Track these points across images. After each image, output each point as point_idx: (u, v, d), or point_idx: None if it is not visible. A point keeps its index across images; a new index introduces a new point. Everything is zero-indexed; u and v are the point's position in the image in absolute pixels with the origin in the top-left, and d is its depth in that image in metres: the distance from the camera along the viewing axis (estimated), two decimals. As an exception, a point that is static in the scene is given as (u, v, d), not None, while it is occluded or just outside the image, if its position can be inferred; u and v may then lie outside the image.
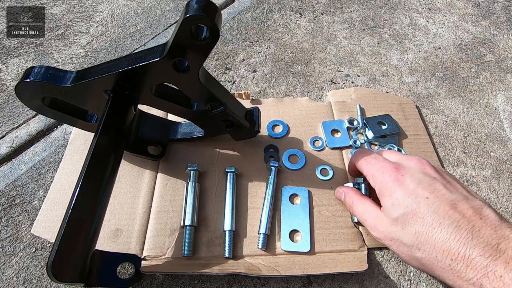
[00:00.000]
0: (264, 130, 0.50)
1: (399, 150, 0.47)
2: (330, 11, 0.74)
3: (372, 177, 0.37)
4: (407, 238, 0.31)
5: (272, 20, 0.71)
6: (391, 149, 0.47)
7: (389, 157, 0.39)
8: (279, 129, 0.51)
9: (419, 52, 0.66)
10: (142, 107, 0.46)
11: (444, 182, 0.33)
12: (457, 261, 0.27)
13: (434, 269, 0.30)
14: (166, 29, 0.69)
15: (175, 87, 0.37)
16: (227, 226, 0.40)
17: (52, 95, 0.37)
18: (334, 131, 0.50)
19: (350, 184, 0.43)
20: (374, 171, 0.37)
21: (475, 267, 0.26)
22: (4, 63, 0.61)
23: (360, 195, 0.39)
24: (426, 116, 0.55)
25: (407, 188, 0.33)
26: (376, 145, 0.50)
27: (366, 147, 0.49)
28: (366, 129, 0.50)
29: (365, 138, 0.50)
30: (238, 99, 0.48)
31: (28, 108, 0.47)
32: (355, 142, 0.49)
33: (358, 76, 0.61)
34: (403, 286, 0.39)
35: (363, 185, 0.44)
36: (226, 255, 0.39)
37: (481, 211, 0.29)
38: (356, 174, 0.43)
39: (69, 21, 0.69)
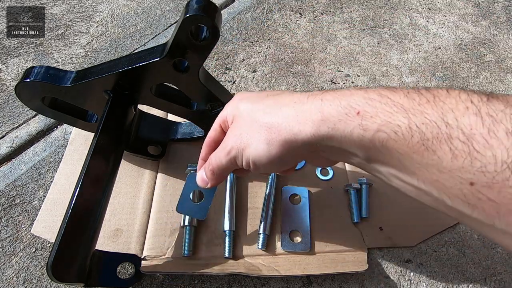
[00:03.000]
0: (264, 130, 0.50)
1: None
2: (330, 11, 0.74)
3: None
4: (258, 111, 0.28)
5: (272, 20, 0.71)
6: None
7: None
8: (279, 129, 0.51)
9: (419, 52, 0.66)
10: (142, 107, 0.46)
11: None
12: (300, 99, 0.26)
13: (278, 123, 0.26)
14: (166, 29, 0.69)
15: (175, 87, 0.37)
16: (227, 226, 0.40)
17: (52, 95, 0.37)
18: None
19: (351, 185, 0.43)
20: None
21: (316, 94, 0.26)
22: (4, 63, 0.61)
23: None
24: (426, 116, 0.55)
25: (253, 92, 0.32)
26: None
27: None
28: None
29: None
30: (238, 99, 0.48)
31: (28, 108, 0.47)
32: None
33: (358, 76, 0.61)
34: (403, 286, 0.39)
35: (364, 186, 0.44)
36: (226, 255, 0.39)
37: None
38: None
39: (69, 21, 0.69)
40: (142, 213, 0.42)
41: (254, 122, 0.27)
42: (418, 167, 0.21)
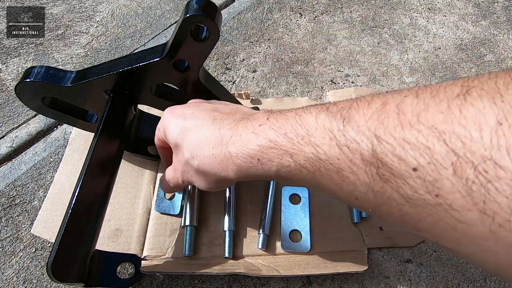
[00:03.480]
0: (264, 130, 0.50)
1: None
2: (330, 11, 0.74)
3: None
4: (186, 153, 0.30)
5: (272, 20, 0.71)
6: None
7: None
8: (279, 129, 0.51)
9: (419, 52, 0.66)
10: (142, 107, 0.46)
11: (210, 102, 0.35)
12: (216, 144, 0.29)
13: (207, 170, 0.29)
14: (166, 29, 0.69)
15: (175, 87, 0.37)
16: (227, 226, 0.40)
17: (52, 95, 0.37)
18: None
19: None
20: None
21: (225, 140, 0.28)
22: (4, 63, 0.61)
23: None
24: (426, 116, 0.55)
25: (176, 114, 0.33)
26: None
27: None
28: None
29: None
30: (238, 99, 0.48)
31: (28, 108, 0.47)
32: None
33: (358, 76, 0.61)
34: (403, 286, 0.39)
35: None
36: (226, 255, 0.39)
37: (239, 107, 0.32)
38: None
39: (69, 21, 0.69)
40: (142, 213, 0.42)
41: (189, 165, 0.31)
42: (321, 188, 0.24)
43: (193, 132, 0.30)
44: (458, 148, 0.16)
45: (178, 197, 0.43)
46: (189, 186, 0.42)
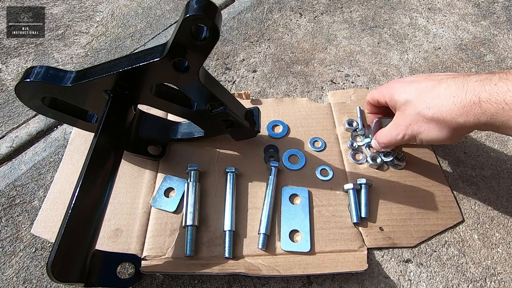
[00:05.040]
0: (264, 130, 0.50)
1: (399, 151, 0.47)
2: (330, 11, 0.74)
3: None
4: (420, 105, 0.37)
5: (272, 20, 0.71)
6: (390, 152, 0.47)
7: None
8: (279, 129, 0.51)
9: (419, 52, 0.66)
10: (142, 107, 0.46)
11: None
12: (457, 94, 0.34)
13: (443, 117, 0.35)
14: (166, 29, 0.69)
15: (175, 87, 0.37)
16: (227, 226, 0.40)
17: (52, 95, 0.37)
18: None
19: (351, 185, 0.43)
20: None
21: (471, 89, 0.33)
22: (4, 63, 0.61)
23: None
24: (426, 116, 0.55)
25: (407, 81, 0.40)
26: (376, 145, 0.50)
27: (366, 149, 0.49)
28: (367, 130, 0.50)
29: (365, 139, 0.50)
30: (238, 99, 0.48)
31: (28, 108, 0.47)
32: (352, 144, 0.49)
33: (358, 76, 0.61)
34: (403, 286, 0.39)
35: (363, 186, 0.44)
36: (226, 255, 0.39)
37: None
38: (373, 109, 0.48)
39: (69, 21, 0.69)
40: (142, 213, 0.42)
41: (421, 116, 0.37)
42: None
43: (429, 89, 0.36)
44: None
45: (177, 196, 0.43)
46: (189, 187, 0.42)
